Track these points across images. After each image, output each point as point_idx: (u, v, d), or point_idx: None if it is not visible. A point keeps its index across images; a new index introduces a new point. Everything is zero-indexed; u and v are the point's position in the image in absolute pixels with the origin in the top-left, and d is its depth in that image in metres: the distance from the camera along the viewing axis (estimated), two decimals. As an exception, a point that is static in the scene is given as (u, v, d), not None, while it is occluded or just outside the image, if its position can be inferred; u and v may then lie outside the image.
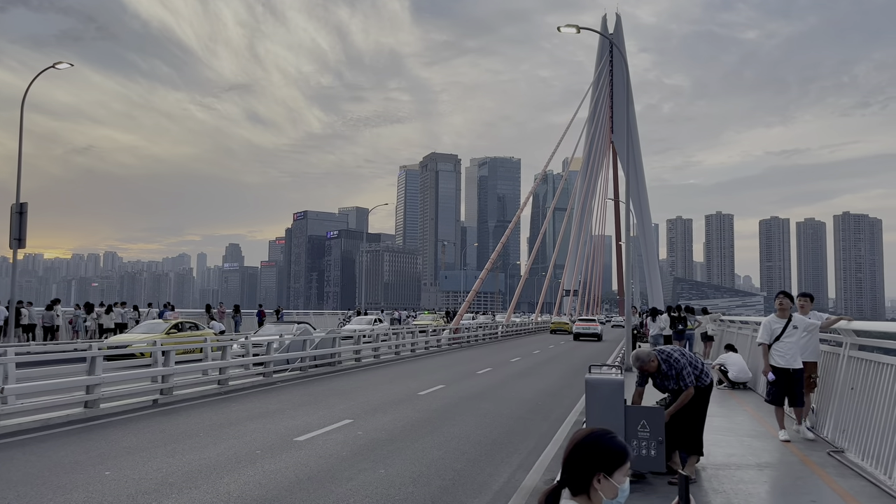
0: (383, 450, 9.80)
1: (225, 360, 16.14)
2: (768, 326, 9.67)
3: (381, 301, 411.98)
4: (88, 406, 12.27)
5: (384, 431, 11.22)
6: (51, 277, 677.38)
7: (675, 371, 7.17)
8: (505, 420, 12.68)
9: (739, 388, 15.33)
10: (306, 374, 19.64)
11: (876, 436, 7.64)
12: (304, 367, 19.76)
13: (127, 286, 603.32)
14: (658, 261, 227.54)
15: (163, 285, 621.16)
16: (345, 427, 11.56)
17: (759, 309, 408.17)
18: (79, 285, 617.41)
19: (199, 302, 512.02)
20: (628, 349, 22.08)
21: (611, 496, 2.18)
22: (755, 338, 16.26)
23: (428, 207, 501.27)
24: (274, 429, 11.31)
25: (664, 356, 7.26)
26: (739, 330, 19.10)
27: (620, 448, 2.23)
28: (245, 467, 8.62)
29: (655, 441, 6.53)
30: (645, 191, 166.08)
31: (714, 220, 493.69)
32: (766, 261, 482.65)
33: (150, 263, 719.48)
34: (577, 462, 2.20)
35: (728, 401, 13.85)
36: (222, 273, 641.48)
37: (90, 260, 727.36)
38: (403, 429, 11.58)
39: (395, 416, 12.70)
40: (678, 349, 7.54)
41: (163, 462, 8.84)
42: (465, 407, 14.20)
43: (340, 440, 10.50)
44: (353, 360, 23.45)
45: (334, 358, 21.63)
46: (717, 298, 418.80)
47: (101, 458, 9.02)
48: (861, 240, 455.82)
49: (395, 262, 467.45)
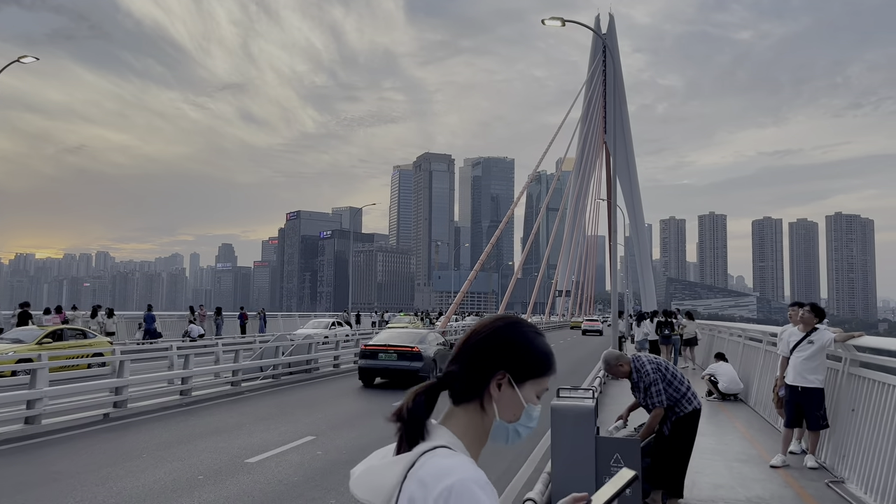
0: (340, 473, 8.94)
1: (188, 368, 15.22)
2: (785, 338, 8.81)
3: (375, 301, 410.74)
4: (29, 422, 11.36)
5: (347, 451, 10.36)
6: (42, 277, 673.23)
7: (644, 384, 6.34)
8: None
9: (730, 399, 14.54)
10: (279, 382, 18.76)
11: (881, 466, 6.81)
12: (278, 375, 18.86)
13: (119, 286, 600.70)
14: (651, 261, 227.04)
15: (155, 285, 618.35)
16: (304, 446, 10.70)
17: (752, 309, 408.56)
18: (70, 285, 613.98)
19: (192, 302, 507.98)
20: None
21: (510, 415, 1.40)
22: (748, 346, 15.49)
23: (422, 207, 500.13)
24: (227, 448, 10.44)
25: (637, 364, 6.44)
26: (731, 337, 18.30)
27: (543, 351, 1.46)
28: (180, 497, 7.75)
29: (630, 478, 5.68)
30: (638, 191, 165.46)
31: (707, 221, 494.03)
32: (758, 261, 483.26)
33: (143, 263, 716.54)
34: (475, 353, 1.44)
35: (718, 415, 13.05)
36: (215, 273, 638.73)
37: (82, 260, 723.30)
38: (370, 446, 10.68)
39: (363, 432, 11.85)
40: (659, 361, 6.64)
41: (88, 492, 7.95)
42: (439, 420, 13.38)
43: (296, 462, 9.63)
44: (332, 367, 22.56)
45: (310, 364, 20.73)
46: (710, 299, 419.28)
47: (22, 487, 8.12)
48: (853, 240, 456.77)
49: (389, 262, 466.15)
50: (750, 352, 14.88)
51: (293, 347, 20.19)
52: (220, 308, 38.02)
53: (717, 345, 19.60)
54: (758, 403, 13.27)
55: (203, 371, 16.00)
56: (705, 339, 24.37)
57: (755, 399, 13.54)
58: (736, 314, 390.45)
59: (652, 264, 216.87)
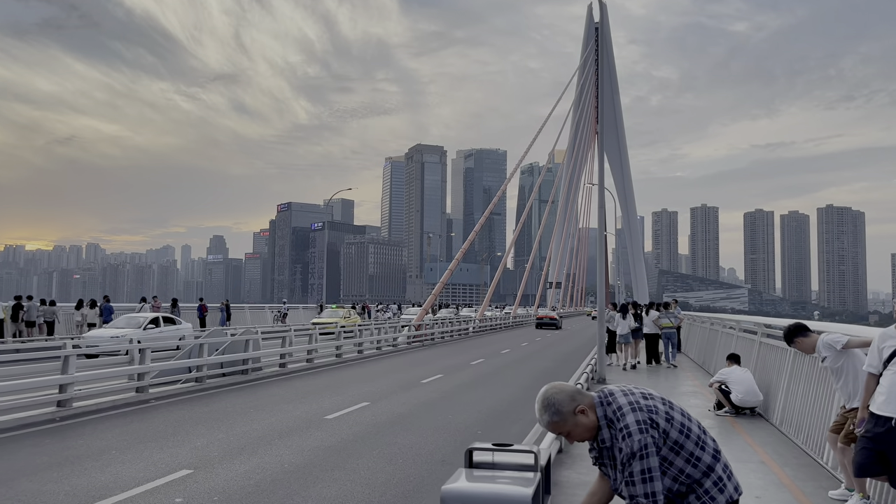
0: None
1: (69, 373, 12.16)
2: (877, 346, 5.64)
3: (367, 293, 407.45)
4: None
5: (238, 486, 7.43)
6: (31, 269, 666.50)
7: (622, 457, 2.88)
8: (420, 465, 8.89)
9: (745, 413, 11.62)
10: (203, 385, 15.74)
11: None
12: (202, 378, 15.85)
13: (110, 278, 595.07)
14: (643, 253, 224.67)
15: (146, 277, 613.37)
16: (178, 482, 7.74)
17: (744, 301, 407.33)
18: (60, 277, 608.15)
19: (184, 294, 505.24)
20: (601, 359, 18.11)
21: None
22: (765, 345, 12.57)
23: (413, 199, 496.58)
24: (57, 490, 7.45)
25: (608, 408, 3.00)
26: (723, 329, 15.37)
27: None
28: None
29: None
30: (630, 183, 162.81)
31: (699, 213, 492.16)
32: (750, 253, 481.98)
33: (134, 255, 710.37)
34: None
35: (732, 436, 10.14)
36: (206, 265, 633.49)
37: (72, 252, 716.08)
38: (273, 480, 7.82)
39: (272, 458, 8.89)
40: (653, 403, 3.01)
41: None
42: (378, 439, 10.41)
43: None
44: (278, 367, 19.56)
45: (247, 365, 17.71)
46: (702, 291, 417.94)
47: None
48: (844, 232, 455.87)
49: (381, 254, 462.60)
50: (770, 353, 11.94)
51: (226, 345, 17.20)
52: (176, 299, 34.98)
53: (724, 343, 16.68)
54: (784, 421, 10.34)
55: (92, 377, 12.97)
56: (704, 335, 21.55)
57: (780, 415, 10.62)
58: (727, 306, 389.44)
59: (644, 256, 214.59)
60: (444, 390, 16.45)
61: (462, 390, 16.57)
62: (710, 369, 17.99)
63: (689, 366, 21.68)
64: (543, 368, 22.50)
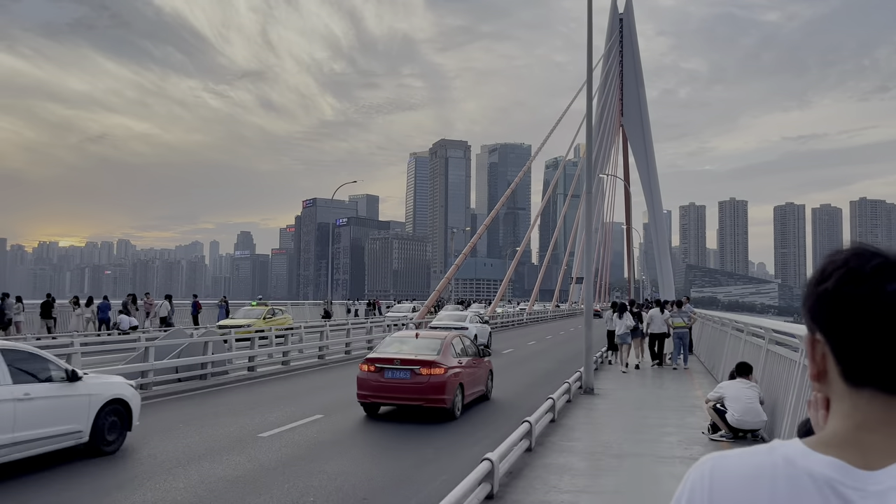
0: None
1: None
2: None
3: (391, 288, 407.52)
4: None
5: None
6: (65, 266, 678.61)
7: None
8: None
9: (745, 437, 9.77)
10: (146, 393, 14.25)
11: None
12: (146, 385, 14.37)
13: (140, 274, 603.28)
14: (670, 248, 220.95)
15: (175, 273, 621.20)
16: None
17: (774, 297, 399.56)
18: (92, 273, 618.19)
19: (212, 290, 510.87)
20: (588, 367, 15.73)
21: None
22: (772, 353, 10.72)
23: (437, 195, 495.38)
24: None
25: None
26: (743, 337, 13.49)
27: None
28: None
29: None
30: (656, 176, 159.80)
31: (728, 207, 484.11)
32: (780, 247, 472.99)
33: (163, 251, 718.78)
34: None
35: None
36: (234, 261, 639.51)
37: (104, 248, 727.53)
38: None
39: (153, 496, 7.32)
40: None
41: None
42: (304, 465, 8.81)
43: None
44: (246, 370, 18.06)
45: (206, 370, 16.22)
46: (731, 286, 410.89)
47: None
48: (878, 226, 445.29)
49: (405, 249, 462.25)
50: (777, 364, 10.07)
51: (182, 347, 15.73)
52: (171, 295, 33.81)
53: (733, 347, 14.78)
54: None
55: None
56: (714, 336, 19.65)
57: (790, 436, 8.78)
58: (757, 302, 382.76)
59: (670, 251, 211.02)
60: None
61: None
62: (718, 376, 16.12)
63: (698, 370, 19.83)
64: (545, 370, 20.88)
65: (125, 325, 27.22)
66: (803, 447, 0.93)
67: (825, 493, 0.87)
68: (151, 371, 14.46)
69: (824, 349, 0.96)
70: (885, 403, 0.92)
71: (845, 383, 0.95)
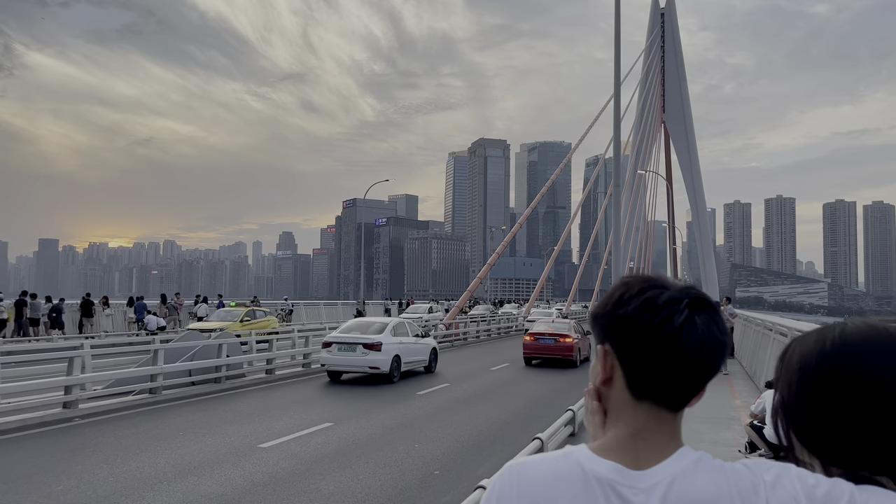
0: None
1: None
2: None
3: (430, 288, 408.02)
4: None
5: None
6: (114, 266, 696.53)
7: None
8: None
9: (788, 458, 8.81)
10: (158, 398, 13.85)
11: None
12: (156, 389, 13.97)
13: (185, 274, 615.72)
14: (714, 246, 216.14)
15: (219, 273, 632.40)
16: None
17: (823, 297, 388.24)
18: (139, 273, 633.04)
19: (254, 289, 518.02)
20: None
21: None
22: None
23: (476, 194, 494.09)
24: None
25: None
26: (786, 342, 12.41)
27: None
28: None
29: None
30: (699, 174, 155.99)
31: (774, 204, 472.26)
32: (830, 246, 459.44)
33: (208, 251, 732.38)
34: None
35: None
36: (276, 261, 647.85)
37: (151, 248, 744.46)
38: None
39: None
40: None
41: None
42: (299, 482, 8.20)
43: None
44: (264, 373, 17.60)
45: (220, 373, 15.79)
46: (778, 285, 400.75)
47: None
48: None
49: (444, 249, 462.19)
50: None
51: (197, 350, 15.32)
52: (204, 296, 33.82)
53: (774, 354, 13.75)
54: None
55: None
56: (756, 340, 18.53)
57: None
58: (805, 302, 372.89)
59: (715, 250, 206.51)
60: (438, 405, 14.11)
61: (459, 406, 14.17)
62: (759, 382, 15.07)
63: (739, 375, 18.72)
64: (568, 379, 19.93)
65: (152, 326, 27.11)
66: (589, 453, 1.07)
67: (607, 492, 1.02)
68: (161, 375, 14.05)
69: (613, 360, 1.09)
70: (658, 415, 1.09)
71: (629, 393, 1.09)
